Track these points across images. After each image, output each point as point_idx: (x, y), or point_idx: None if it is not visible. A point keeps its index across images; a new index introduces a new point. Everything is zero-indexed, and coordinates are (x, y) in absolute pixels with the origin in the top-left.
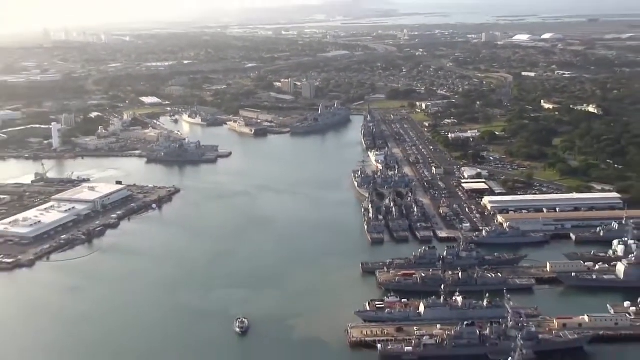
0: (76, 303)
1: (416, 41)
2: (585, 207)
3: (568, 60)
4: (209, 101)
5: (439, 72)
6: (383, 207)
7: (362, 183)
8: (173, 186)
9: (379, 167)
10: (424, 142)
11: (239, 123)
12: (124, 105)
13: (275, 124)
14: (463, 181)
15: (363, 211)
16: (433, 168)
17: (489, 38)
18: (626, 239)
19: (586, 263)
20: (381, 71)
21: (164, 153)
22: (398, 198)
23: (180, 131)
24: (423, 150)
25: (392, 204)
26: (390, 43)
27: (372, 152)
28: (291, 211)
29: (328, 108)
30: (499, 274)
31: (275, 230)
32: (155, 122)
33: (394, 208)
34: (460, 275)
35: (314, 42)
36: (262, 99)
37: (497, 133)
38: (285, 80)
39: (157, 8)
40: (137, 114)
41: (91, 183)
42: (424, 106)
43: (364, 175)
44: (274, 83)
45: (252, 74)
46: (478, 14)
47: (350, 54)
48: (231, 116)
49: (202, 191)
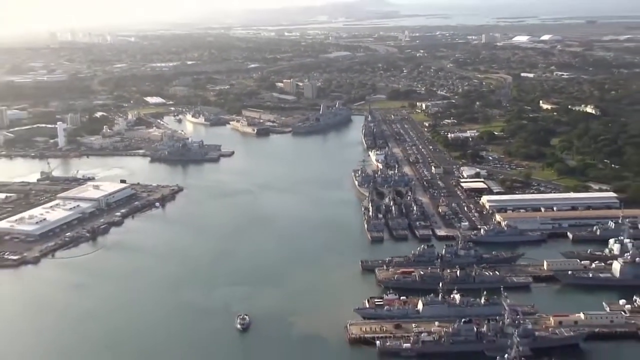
0: (80, 300)
1: (417, 42)
2: (582, 207)
3: (566, 61)
4: (212, 101)
5: (439, 73)
6: (383, 206)
7: (363, 182)
8: (176, 185)
9: (379, 167)
10: (424, 142)
11: (242, 123)
12: (129, 105)
13: (277, 124)
14: (462, 180)
15: (363, 210)
16: (432, 167)
17: (489, 39)
18: (622, 238)
19: (583, 261)
20: (382, 72)
21: (168, 152)
22: (398, 197)
23: (183, 131)
24: (423, 149)
25: (392, 203)
26: (391, 44)
27: (373, 152)
28: (292, 210)
29: (329, 108)
30: (497, 272)
31: (276, 228)
32: (159, 122)
33: (394, 207)
34: (458, 273)
35: (316, 43)
36: (265, 99)
37: (496, 133)
38: (287, 80)
39: (162, 9)
40: (142, 114)
41: (96, 181)
42: (424, 106)
43: (364, 174)
44: (277, 83)
45: (255, 75)
46: (478, 16)
47: (351, 55)
48: (234, 116)
49: (205, 190)
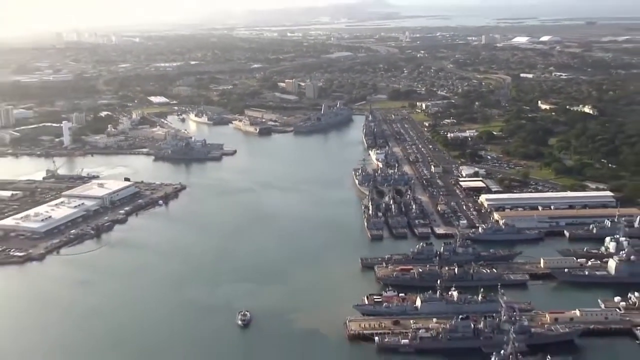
0: (85, 296)
1: (417, 43)
2: (579, 205)
3: (565, 62)
4: (215, 101)
5: (439, 73)
6: (383, 205)
7: (363, 181)
8: (179, 183)
9: (379, 166)
10: (424, 142)
11: (244, 122)
12: (133, 104)
13: (279, 123)
14: (461, 179)
15: (363, 208)
16: (432, 166)
17: (489, 40)
18: (618, 236)
19: (579, 259)
20: (383, 72)
21: (171, 151)
22: (397, 196)
23: (187, 130)
24: (422, 149)
25: (392, 202)
26: (392, 45)
27: (373, 151)
28: (294, 208)
29: (331, 108)
30: (494, 270)
31: (278, 226)
32: (162, 121)
33: (393, 205)
34: (456, 270)
35: (318, 44)
36: (267, 99)
37: (495, 133)
38: (289, 80)
39: (166, 10)
40: (146, 113)
41: (100, 180)
42: (424, 106)
43: (365, 173)
44: (279, 83)
45: (258, 75)
46: (478, 17)
47: (353, 55)
48: (236, 115)
49: (208, 188)
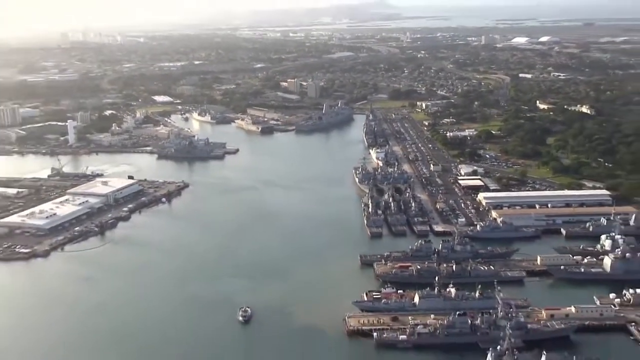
0: (89, 292)
1: (418, 43)
2: (575, 204)
3: (564, 62)
4: (218, 100)
5: (440, 73)
6: (382, 202)
7: (363, 179)
8: (182, 181)
9: (380, 164)
10: (423, 141)
11: (247, 121)
12: (137, 103)
13: (281, 122)
14: (459, 178)
15: (363, 206)
16: (431, 165)
17: (489, 41)
18: (613, 234)
19: (575, 257)
20: (384, 72)
21: (174, 149)
22: (397, 194)
23: (190, 129)
24: (422, 148)
25: (391, 200)
26: (393, 45)
27: (374, 150)
28: (295, 206)
29: (332, 107)
30: (492, 267)
31: (279, 224)
32: (166, 120)
33: (393, 203)
34: (454, 267)
35: (320, 44)
36: (269, 98)
37: (494, 132)
38: (291, 80)
39: (171, 10)
40: (149, 112)
41: (104, 178)
42: (424, 106)
43: (365, 171)
44: (281, 83)
45: (260, 74)
46: (478, 18)
47: (354, 56)
48: (239, 114)
49: (210, 186)
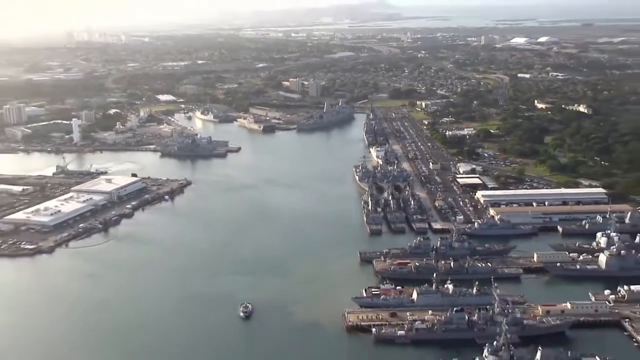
0: (93, 288)
1: (418, 43)
2: (572, 202)
3: (562, 62)
4: (221, 99)
5: (439, 73)
6: (382, 200)
7: (363, 177)
8: (185, 179)
9: (379, 163)
10: (423, 139)
11: (249, 120)
12: (141, 102)
13: (282, 121)
14: (458, 176)
15: (363, 204)
16: (430, 163)
17: (488, 41)
18: (609, 232)
19: (571, 254)
20: (384, 72)
21: (177, 148)
22: (396, 192)
23: (193, 127)
24: (421, 146)
25: (391, 197)
26: (393, 45)
27: (374, 148)
28: (296, 203)
29: (333, 106)
30: (489, 264)
31: (280, 221)
32: (169, 119)
33: (392, 201)
34: (452, 264)
35: (322, 44)
36: (271, 97)
37: (492, 131)
38: (293, 79)
39: (175, 11)
40: (153, 111)
41: (108, 175)
42: (424, 105)
43: (365, 169)
44: (283, 82)
45: (262, 74)
46: (478, 18)
47: (355, 55)
48: (241, 113)
49: (213, 184)
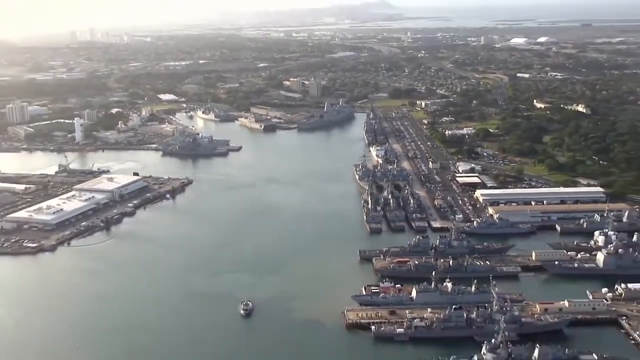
0: (94, 285)
1: (419, 43)
2: (570, 201)
3: (561, 62)
4: (222, 98)
5: (439, 73)
6: (381, 199)
7: (363, 176)
8: (186, 178)
9: (379, 162)
10: (423, 138)
11: (250, 119)
12: (143, 101)
13: (283, 120)
14: (457, 175)
15: (363, 202)
16: (430, 162)
17: (488, 41)
18: (607, 230)
19: (569, 252)
20: (385, 71)
21: (179, 147)
22: (396, 190)
23: (194, 126)
24: (421, 145)
25: (390, 196)
26: (394, 45)
27: (374, 147)
28: (296, 202)
29: (333, 106)
30: (488, 262)
31: (280, 219)
32: (171, 118)
33: (392, 200)
34: (451, 262)
35: (323, 44)
36: (272, 97)
37: (491, 130)
38: (294, 79)
39: (177, 11)
40: (155, 110)
41: (110, 174)
42: (424, 105)
43: (365, 168)
44: (284, 82)
45: (264, 73)
46: (478, 18)
47: (356, 55)
48: (242, 113)
49: (214, 183)
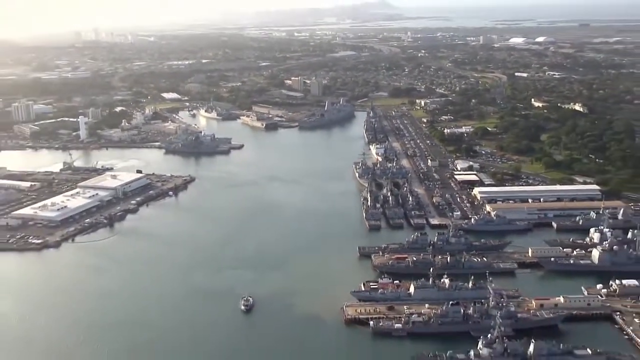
0: (97, 281)
1: (418, 43)
2: (567, 198)
3: (559, 62)
4: (225, 97)
5: (439, 72)
6: (381, 196)
7: (363, 174)
8: (189, 175)
9: (379, 159)
10: (422, 137)
11: (252, 117)
12: (146, 100)
13: (285, 119)
14: (456, 173)
15: (362, 200)
16: (429, 160)
17: (487, 41)
18: (602, 227)
19: (565, 249)
20: (385, 70)
21: (181, 145)
22: (395, 188)
23: (197, 125)
24: (420, 144)
25: (389, 194)
26: (394, 45)
27: (373, 146)
28: (297, 200)
29: (334, 104)
30: (485, 259)
31: (281, 216)
32: (174, 116)
33: (391, 197)
34: (448, 259)
35: (324, 43)
36: (274, 96)
37: (490, 129)
38: (295, 78)
39: (178, 11)
40: (158, 109)
41: (114, 172)
42: (423, 103)
43: (364, 166)
44: (285, 81)
45: (265, 72)
46: (478, 18)
47: (357, 55)
48: (244, 111)
49: (216, 180)
